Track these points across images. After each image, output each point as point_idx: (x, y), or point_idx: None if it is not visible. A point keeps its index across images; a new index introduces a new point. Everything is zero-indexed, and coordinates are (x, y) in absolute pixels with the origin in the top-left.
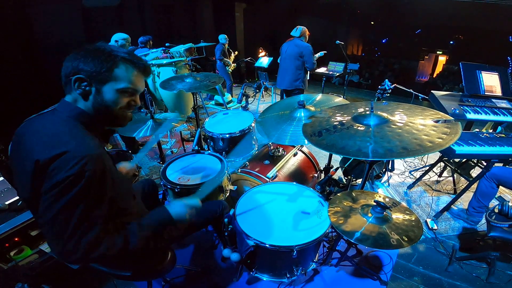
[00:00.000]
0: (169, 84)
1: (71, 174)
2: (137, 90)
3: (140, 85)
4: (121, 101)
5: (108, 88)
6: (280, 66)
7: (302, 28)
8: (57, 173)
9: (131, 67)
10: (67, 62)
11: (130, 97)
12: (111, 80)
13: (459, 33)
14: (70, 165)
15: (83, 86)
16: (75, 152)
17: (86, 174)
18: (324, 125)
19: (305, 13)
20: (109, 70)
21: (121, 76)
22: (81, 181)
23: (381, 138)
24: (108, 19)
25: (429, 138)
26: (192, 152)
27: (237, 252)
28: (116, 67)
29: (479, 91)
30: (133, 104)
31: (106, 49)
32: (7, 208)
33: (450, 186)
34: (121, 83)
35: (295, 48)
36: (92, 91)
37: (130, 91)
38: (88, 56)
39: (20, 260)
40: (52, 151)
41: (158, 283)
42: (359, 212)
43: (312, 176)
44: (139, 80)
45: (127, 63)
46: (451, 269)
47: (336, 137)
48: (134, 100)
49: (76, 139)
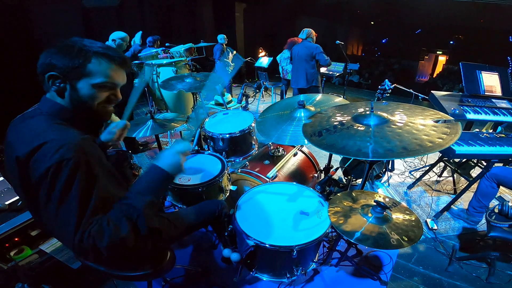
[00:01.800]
0: (169, 84)
1: (51, 164)
2: (116, 84)
3: (119, 78)
4: (99, 96)
5: (83, 84)
6: (293, 68)
7: (308, 30)
8: (38, 166)
9: (105, 61)
10: (41, 60)
11: (109, 91)
12: (85, 76)
13: (459, 33)
14: (49, 155)
15: (57, 83)
16: (53, 142)
17: (67, 162)
18: (324, 125)
19: (305, 13)
20: (82, 65)
21: (96, 70)
22: (63, 169)
23: (381, 138)
24: (108, 19)
25: (429, 138)
26: (192, 152)
27: (237, 252)
28: (89, 62)
29: (479, 91)
30: (113, 99)
31: (77, 44)
32: (7, 208)
33: (450, 186)
34: (96, 78)
35: (305, 50)
36: (67, 87)
37: (108, 85)
38: (60, 53)
39: (20, 260)
40: (30, 145)
41: (158, 283)
42: (359, 212)
43: (312, 176)
44: (117, 73)
45: (101, 57)
46: (451, 269)
47: (336, 137)
48: (114, 94)
49: (55, 131)
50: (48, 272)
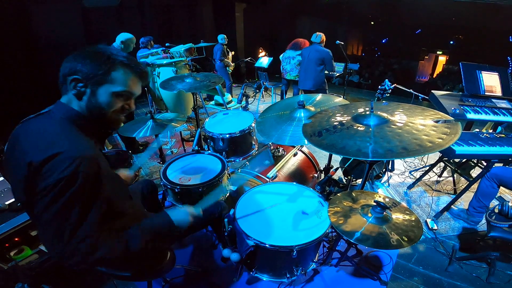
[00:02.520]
0: (169, 84)
1: (65, 176)
2: (133, 94)
3: (136, 89)
4: (115, 105)
5: (103, 91)
6: (302, 69)
7: (321, 35)
8: (50, 175)
9: (128, 71)
10: (66, 63)
11: (124, 101)
12: (107, 83)
13: (459, 33)
14: (64, 166)
15: (78, 87)
16: (68, 153)
17: (80, 175)
18: (324, 125)
19: (305, 13)
20: (107, 72)
21: (118, 79)
22: (75, 183)
23: (381, 138)
24: (108, 19)
25: (429, 138)
26: (192, 152)
27: (237, 252)
28: (114, 70)
29: (479, 91)
30: (127, 108)
31: (106, 52)
32: (7, 208)
33: (450, 186)
34: (117, 86)
35: (316, 53)
36: (87, 92)
37: (125, 94)
38: (87, 58)
39: (20, 260)
40: (45, 152)
41: (158, 283)
42: (359, 212)
43: (312, 176)
44: (135, 84)
45: (125, 67)
46: (451, 269)
47: (336, 137)
48: (128, 104)
49: (70, 140)
50: (48, 272)
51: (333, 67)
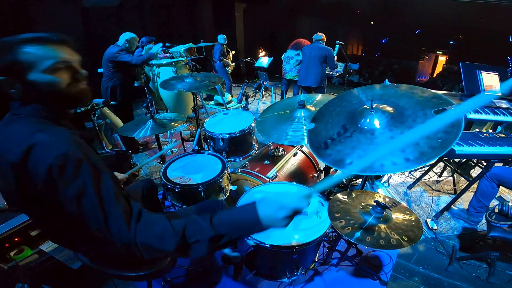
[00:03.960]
0: (169, 84)
1: (51, 163)
2: (67, 61)
3: (67, 54)
4: (61, 78)
5: (34, 76)
6: (303, 66)
7: (322, 35)
8: (38, 168)
9: (37, 45)
10: None
11: (68, 71)
12: (29, 68)
13: (459, 33)
14: (44, 155)
15: (11, 88)
16: (43, 142)
17: (66, 157)
18: (328, 131)
19: (305, 13)
20: (15, 60)
21: (34, 58)
22: (66, 164)
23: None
24: (108, 19)
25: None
26: (192, 152)
27: (237, 252)
28: (21, 53)
29: (479, 91)
30: (79, 75)
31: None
32: (7, 208)
33: (450, 186)
34: (41, 63)
35: (319, 51)
36: (20, 87)
37: (59, 66)
38: None
39: (20, 260)
40: (20, 148)
41: (158, 283)
42: (359, 212)
43: (312, 176)
44: (61, 51)
45: (30, 43)
46: (451, 269)
47: (343, 148)
48: (75, 71)
49: (42, 131)
50: (48, 272)
51: (334, 64)
